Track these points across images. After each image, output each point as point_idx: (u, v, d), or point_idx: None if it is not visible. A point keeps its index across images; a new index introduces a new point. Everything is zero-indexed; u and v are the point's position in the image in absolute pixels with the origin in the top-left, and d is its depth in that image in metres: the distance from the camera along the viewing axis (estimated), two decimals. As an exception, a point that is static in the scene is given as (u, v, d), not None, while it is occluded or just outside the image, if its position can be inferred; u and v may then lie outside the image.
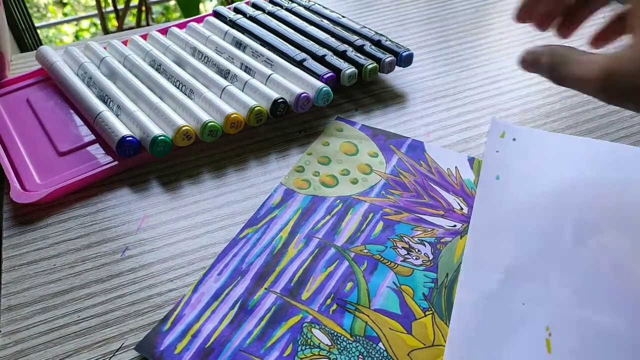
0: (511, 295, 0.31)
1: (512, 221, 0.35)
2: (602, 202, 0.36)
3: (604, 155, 0.39)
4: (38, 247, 0.35)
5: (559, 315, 0.30)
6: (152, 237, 0.35)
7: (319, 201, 0.37)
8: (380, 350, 0.29)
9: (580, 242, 0.33)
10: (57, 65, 0.47)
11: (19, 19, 0.90)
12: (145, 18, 1.48)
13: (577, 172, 0.38)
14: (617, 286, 0.31)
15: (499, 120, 0.41)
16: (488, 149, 0.40)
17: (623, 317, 0.30)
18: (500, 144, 0.40)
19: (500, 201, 0.36)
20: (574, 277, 0.32)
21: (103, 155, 0.40)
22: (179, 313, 0.30)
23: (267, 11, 0.54)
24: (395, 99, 0.47)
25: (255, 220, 0.36)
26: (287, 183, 0.39)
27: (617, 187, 0.37)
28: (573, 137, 0.41)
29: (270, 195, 0.38)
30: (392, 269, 0.32)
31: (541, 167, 0.39)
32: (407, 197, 0.37)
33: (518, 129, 0.41)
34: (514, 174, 0.38)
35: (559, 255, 0.32)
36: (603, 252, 0.33)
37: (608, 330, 0.29)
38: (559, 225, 0.35)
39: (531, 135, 0.41)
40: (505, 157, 0.39)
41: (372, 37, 0.49)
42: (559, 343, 0.28)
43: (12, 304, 0.31)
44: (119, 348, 0.29)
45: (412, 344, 0.29)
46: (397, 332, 0.29)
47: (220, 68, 0.46)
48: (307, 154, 0.41)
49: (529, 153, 0.40)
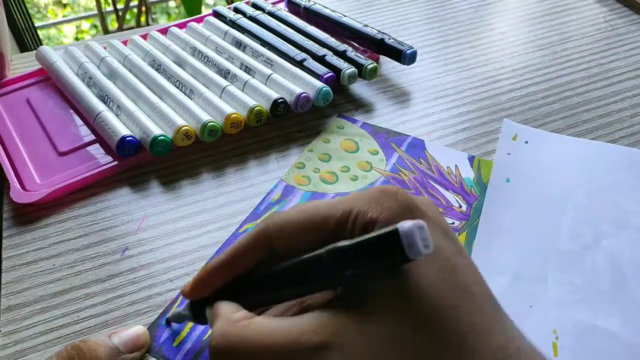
0: (518, 298, 0.30)
1: (520, 225, 0.35)
2: (615, 208, 0.36)
3: (618, 159, 0.39)
4: (38, 247, 0.35)
5: (566, 319, 0.29)
6: (152, 237, 0.35)
7: (318, 197, 0.37)
8: None
9: (590, 247, 0.33)
10: (57, 65, 0.47)
11: (19, 19, 0.90)
12: (145, 18, 1.48)
13: (590, 176, 0.37)
14: (627, 291, 0.31)
15: (511, 121, 0.41)
16: (499, 151, 0.39)
17: (631, 323, 0.29)
18: (512, 146, 0.40)
19: (510, 205, 0.36)
20: (582, 281, 0.31)
21: (103, 155, 0.40)
22: (178, 306, 0.31)
23: (267, 11, 0.54)
24: (395, 98, 0.47)
25: (255, 215, 0.36)
26: (287, 179, 0.39)
27: (631, 191, 0.37)
28: (587, 141, 0.41)
29: (271, 191, 0.38)
30: None
31: (554, 171, 0.38)
32: None
33: (531, 131, 0.41)
34: (525, 178, 0.37)
35: (567, 259, 0.32)
36: (614, 256, 0.33)
37: (615, 335, 0.29)
38: (568, 229, 0.34)
39: (544, 138, 0.41)
40: (517, 160, 0.39)
41: (375, 35, 0.49)
42: (566, 346, 0.28)
43: (12, 304, 0.31)
44: (119, 348, 0.29)
45: None
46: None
47: (220, 68, 0.46)
48: (307, 151, 0.41)
49: (541, 156, 0.39)
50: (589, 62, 0.50)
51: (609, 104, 0.45)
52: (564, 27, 0.56)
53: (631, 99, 0.46)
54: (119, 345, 0.27)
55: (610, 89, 0.47)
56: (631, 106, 0.45)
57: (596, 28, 0.55)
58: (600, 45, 0.53)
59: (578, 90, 0.47)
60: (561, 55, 0.51)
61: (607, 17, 0.57)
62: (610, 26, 0.56)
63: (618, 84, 0.47)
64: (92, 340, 0.27)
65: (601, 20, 0.57)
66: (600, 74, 0.49)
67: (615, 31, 0.55)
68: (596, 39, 0.54)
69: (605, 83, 0.48)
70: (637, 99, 0.46)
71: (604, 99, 0.46)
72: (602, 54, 0.51)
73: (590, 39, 0.54)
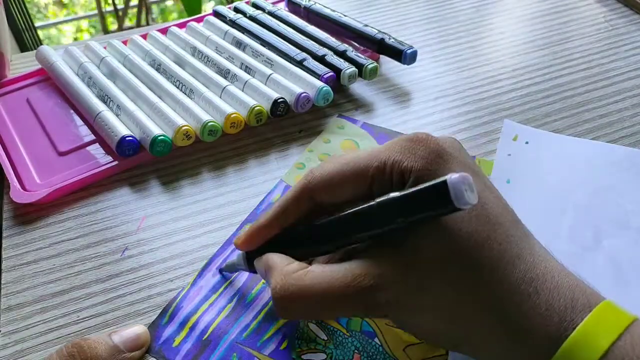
0: None
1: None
2: (616, 208, 0.36)
3: (618, 159, 0.39)
4: (38, 247, 0.35)
5: None
6: (152, 237, 0.35)
7: None
8: (376, 345, 0.29)
9: (590, 248, 0.33)
10: (57, 65, 0.47)
11: (19, 18, 0.90)
12: (145, 18, 1.48)
13: (591, 177, 0.37)
14: (628, 294, 0.31)
15: (512, 122, 0.40)
16: (499, 152, 0.39)
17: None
18: (513, 146, 0.40)
19: (510, 206, 0.36)
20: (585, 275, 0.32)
21: (103, 155, 0.40)
22: (177, 306, 0.31)
23: (267, 11, 0.54)
24: (396, 98, 0.47)
25: (255, 215, 0.36)
26: (287, 179, 0.39)
27: (632, 191, 0.37)
28: (588, 141, 0.41)
29: (271, 191, 0.38)
30: None
31: (554, 172, 0.38)
32: None
33: (531, 131, 0.40)
34: (526, 179, 0.37)
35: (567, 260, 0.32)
36: (614, 257, 0.33)
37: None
38: (568, 230, 0.34)
39: (545, 139, 0.40)
40: (517, 161, 0.39)
41: (375, 35, 0.49)
42: None
43: (12, 303, 0.31)
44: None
45: (408, 339, 0.29)
46: (393, 327, 0.30)
47: (220, 68, 0.46)
48: (308, 151, 0.41)
49: (542, 157, 0.39)
50: (589, 62, 0.50)
51: (610, 104, 0.45)
52: (564, 27, 0.55)
53: (632, 98, 0.46)
54: (119, 344, 0.28)
55: (611, 89, 0.47)
56: (632, 106, 0.45)
57: (596, 28, 0.55)
58: (601, 45, 0.53)
59: (578, 90, 0.47)
60: (561, 55, 0.51)
61: (607, 17, 0.57)
62: (611, 26, 0.55)
63: (618, 83, 0.47)
64: (93, 338, 0.27)
65: (601, 20, 0.57)
66: (601, 73, 0.49)
67: (615, 31, 0.55)
68: (596, 39, 0.54)
69: (606, 83, 0.47)
70: (637, 99, 0.46)
71: (605, 98, 0.46)
72: (602, 54, 0.51)
73: (591, 39, 0.54)
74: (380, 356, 0.28)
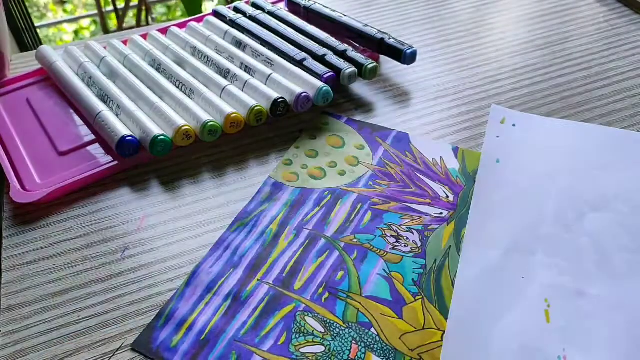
0: (511, 270, 0.32)
1: (511, 202, 0.36)
2: (600, 188, 0.37)
3: (604, 140, 0.41)
4: (38, 246, 0.35)
5: (556, 288, 0.31)
6: (152, 237, 0.35)
7: (307, 193, 0.38)
8: (373, 335, 0.29)
9: (576, 222, 0.35)
10: (57, 65, 0.47)
11: (19, 18, 0.90)
12: (145, 18, 1.48)
13: (577, 157, 0.39)
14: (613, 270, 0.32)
15: (499, 106, 0.42)
16: (488, 134, 0.41)
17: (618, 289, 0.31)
18: (501, 129, 0.42)
19: (500, 183, 0.38)
20: (569, 254, 0.33)
21: (103, 155, 0.40)
22: (173, 307, 0.31)
23: (267, 11, 0.54)
24: (396, 98, 0.47)
25: (245, 213, 0.36)
26: (275, 176, 0.39)
27: (613, 169, 0.38)
28: (571, 122, 0.43)
29: (260, 189, 0.38)
30: (382, 256, 0.33)
31: (540, 151, 0.40)
32: (394, 187, 0.38)
33: (517, 114, 0.43)
34: (514, 158, 0.39)
35: (555, 234, 0.34)
36: (597, 237, 0.34)
37: (604, 299, 0.31)
38: (556, 205, 0.36)
39: (530, 121, 0.43)
40: (506, 142, 0.41)
41: (375, 35, 0.49)
42: (557, 313, 0.30)
43: (12, 303, 0.31)
44: (119, 348, 0.29)
45: (403, 328, 0.29)
46: (388, 317, 0.30)
47: (220, 68, 0.46)
48: (294, 148, 0.41)
49: (528, 138, 0.41)
50: (589, 62, 0.50)
51: (609, 104, 0.45)
52: (564, 27, 0.56)
53: (631, 98, 0.46)
54: None
55: (611, 89, 0.47)
56: (631, 106, 0.45)
57: (596, 28, 0.55)
58: (600, 45, 0.53)
59: (578, 90, 0.47)
60: (561, 55, 0.51)
61: (607, 17, 0.57)
62: (610, 26, 0.56)
63: (618, 83, 0.47)
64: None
65: (601, 20, 0.57)
66: (600, 73, 0.49)
67: (615, 31, 0.55)
68: (596, 38, 0.54)
69: (606, 83, 0.48)
70: (637, 99, 0.46)
71: (604, 98, 0.46)
72: (602, 54, 0.51)
73: (590, 38, 0.54)
74: (378, 345, 0.29)
